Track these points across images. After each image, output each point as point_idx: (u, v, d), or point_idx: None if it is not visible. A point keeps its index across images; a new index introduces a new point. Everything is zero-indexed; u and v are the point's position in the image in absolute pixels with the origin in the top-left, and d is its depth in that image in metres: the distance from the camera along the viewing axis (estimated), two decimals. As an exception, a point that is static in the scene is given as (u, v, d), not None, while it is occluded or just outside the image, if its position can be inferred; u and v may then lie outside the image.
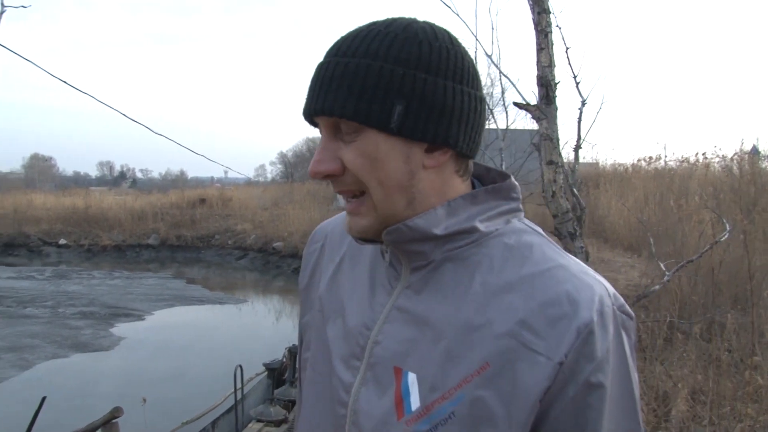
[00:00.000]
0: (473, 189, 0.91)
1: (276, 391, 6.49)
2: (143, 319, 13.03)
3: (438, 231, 0.85)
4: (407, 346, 0.85)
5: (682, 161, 13.19)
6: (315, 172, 0.84)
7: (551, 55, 3.59)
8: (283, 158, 56.28)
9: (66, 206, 26.46)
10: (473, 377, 0.80)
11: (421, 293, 0.87)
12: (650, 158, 14.58)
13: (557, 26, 3.69)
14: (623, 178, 14.92)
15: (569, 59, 3.82)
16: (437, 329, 0.84)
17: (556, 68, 3.62)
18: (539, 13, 3.60)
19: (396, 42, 0.81)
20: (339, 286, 0.99)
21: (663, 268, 4.32)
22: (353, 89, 0.80)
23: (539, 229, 0.91)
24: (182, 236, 24.09)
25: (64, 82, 2.84)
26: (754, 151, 11.50)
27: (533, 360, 0.78)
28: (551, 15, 3.62)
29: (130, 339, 11.25)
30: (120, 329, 11.98)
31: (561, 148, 3.70)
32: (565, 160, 3.82)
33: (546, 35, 3.59)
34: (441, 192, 0.86)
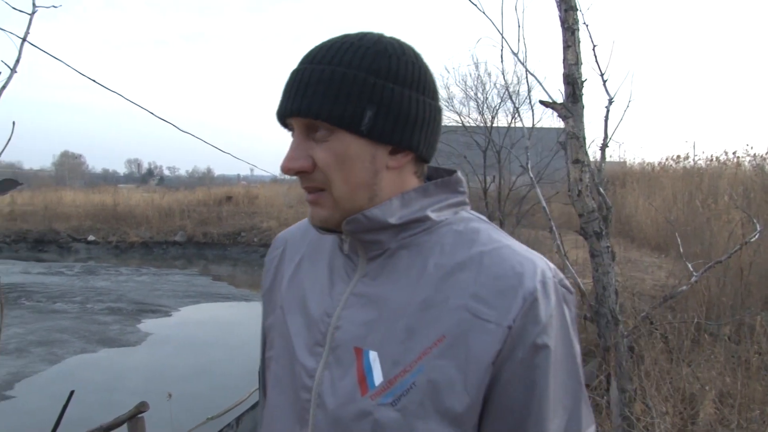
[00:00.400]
0: None
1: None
2: (170, 316, 13.16)
3: (393, 220, 0.93)
4: (366, 328, 0.92)
5: (712, 160, 12.99)
6: (288, 168, 0.92)
7: (578, 53, 3.56)
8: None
9: (95, 203, 26.84)
10: (431, 349, 0.87)
11: (377, 279, 0.95)
12: (679, 157, 14.41)
13: (584, 23, 3.64)
14: (651, 177, 14.74)
15: (596, 57, 3.76)
16: (395, 309, 0.91)
17: (583, 66, 3.59)
18: (566, 11, 3.56)
19: (368, 54, 0.89)
20: (299, 283, 1.06)
21: (691, 269, 4.25)
22: (329, 93, 0.88)
23: (484, 218, 1.01)
24: (208, 233, 24.28)
25: (94, 81, 2.87)
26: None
27: (484, 328, 0.86)
28: (578, 12, 3.58)
29: (157, 335, 11.38)
30: (147, 325, 12.12)
31: (587, 147, 3.66)
32: (592, 159, 3.77)
33: (573, 32, 3.55)
34: (399, 190, 0.95)
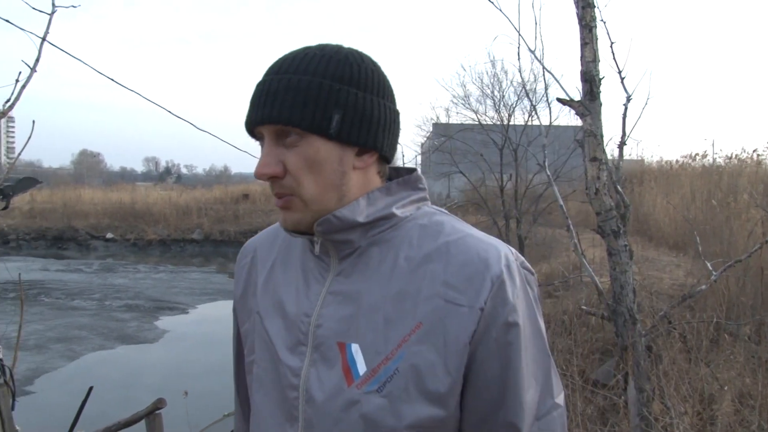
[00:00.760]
0: None
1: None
2: (187, 313, 13.27)
3: (361, 219, 0.98)
4: (346, 323, 0.97)
5: (731, 158, 12.82)
6: (261, 174, 0.96)
7: (595, 50, 3.53)
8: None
9: (113, 201, 27.11)
10: (409, 336, 0.93)
11: (351, 276, 1.00)
12: (697, 155, 14.25)
13: (602, 20, 3.62)
14: (669, 176, 14.57)
15: (614, 54, 3.73)
16: (372, 303, 0.96)
17: (601, 63, 3.56)
18: (584, 8, 3.54)
19: (332, 63, 0.95)
20: (273, 288, 1.10)
21: (710, 268, 4.21)
22: (297, 101, 0.93)
23: (445, 210, 1.07)
24: (225, 231, 24.44)
25: (112, 80, 2.89)
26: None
27: (458, 312, 0.92)
28: (596, 9, 3.55)
29: (174, 332, 11.47)
30: (164, 322, 12.22)
31: (605, 145, 3.63)
32: (609, 157, 3.74)
33: (590, 30, 3.53)
34: (365, 190, 1.01)
